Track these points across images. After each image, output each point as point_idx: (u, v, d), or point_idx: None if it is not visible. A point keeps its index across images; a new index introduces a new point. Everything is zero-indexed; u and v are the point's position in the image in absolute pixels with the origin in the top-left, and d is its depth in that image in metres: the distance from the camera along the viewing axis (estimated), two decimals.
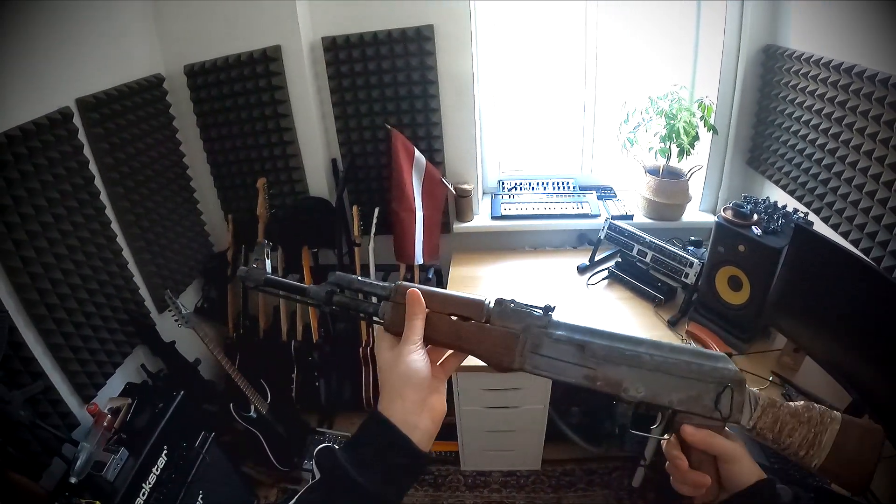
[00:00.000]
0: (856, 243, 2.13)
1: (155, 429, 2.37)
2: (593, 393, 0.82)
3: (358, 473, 0.73)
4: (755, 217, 2.33)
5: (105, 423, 2.29)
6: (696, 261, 2.62)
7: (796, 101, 2.49)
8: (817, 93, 2.31)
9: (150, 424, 2.39)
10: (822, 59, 2.26)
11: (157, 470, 2.33)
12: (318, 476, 0.75)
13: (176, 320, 2.70)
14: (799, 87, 2.44)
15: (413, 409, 0.80)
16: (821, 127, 2.32)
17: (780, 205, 2.39)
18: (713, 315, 2.55)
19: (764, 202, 2.42)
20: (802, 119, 2.45)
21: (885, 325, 1.77)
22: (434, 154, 3.15)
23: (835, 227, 2.26)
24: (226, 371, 2.86)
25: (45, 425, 2.09)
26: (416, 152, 3.00)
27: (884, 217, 1.98)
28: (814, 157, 2.39)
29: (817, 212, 2.38)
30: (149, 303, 2.89)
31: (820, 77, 2.28)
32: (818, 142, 2.35)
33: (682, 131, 2.82)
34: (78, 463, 2.08)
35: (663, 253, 2.76)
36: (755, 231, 2.28)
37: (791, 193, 2.57)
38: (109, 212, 2.63)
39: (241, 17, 2.85)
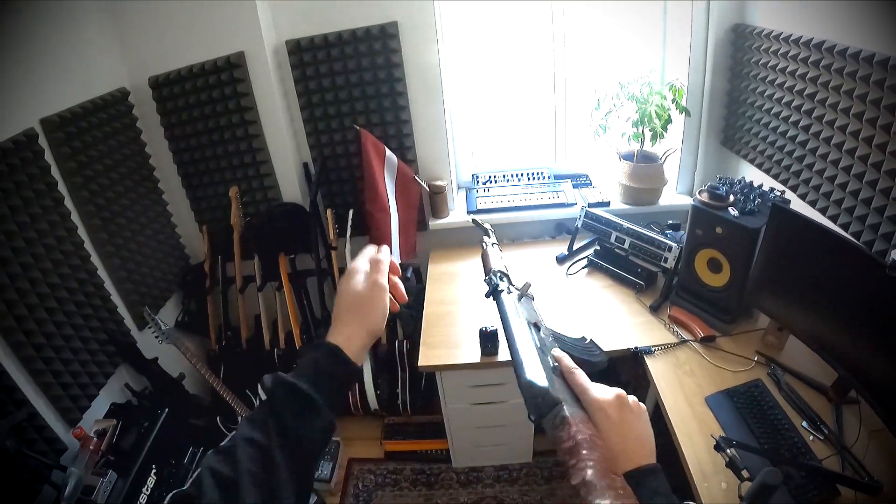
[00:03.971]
0: (834, 219, 2.14)
1: (142, 449, 2.36)
2: None
3: (296, 379, 0.84)
4: (731, 198, 2.32)
5: (92, 447, 2.27)
6: (674, 245, 2.62)
7: (768, 79, 2.48)
8: (788, 70, 2.31)
9: (137, 444, 2.38)
10: (791, 35, 2.26)
11: (147, 490, 2.32)
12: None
13: (156, 337, 2.67)
14: (770, 64, 2.44)
15: (349, 322, 0.95)
16: (794, 104, 2.31)
17: (756, 184, 2.38)
18: (695, 298, 2.54)
19: (740, 182, 2.41)
20: (775, 97, 2.44)
21: (866, 300, 1.77)
22: (406, 152, 3.13)
23: (812, 204, 2.26)
24: (211, 384, 2.83)
25: (32, 453, 2.07)
26: (388, 151, 2.98)
27: (860, 192, 1.98)
28: (788, 135, 2.38)
29: (794, 189, 2.38)
30: (128, 321, 2.85)
31: (791, 54, 2.27)
32: (792, 119, 2.34)
33: (653, 115, 2.81)
34: (67, 489, 2.07)
35: (641, 238, 2.75)
36: (732, 212, 2.26)
37: (767, 172, 2.57)
38: (82, 232, 2.59)
39: (203, 25, 2.80)
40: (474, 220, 1.72)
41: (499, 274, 1.23)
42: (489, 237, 1.49)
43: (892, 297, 1.65)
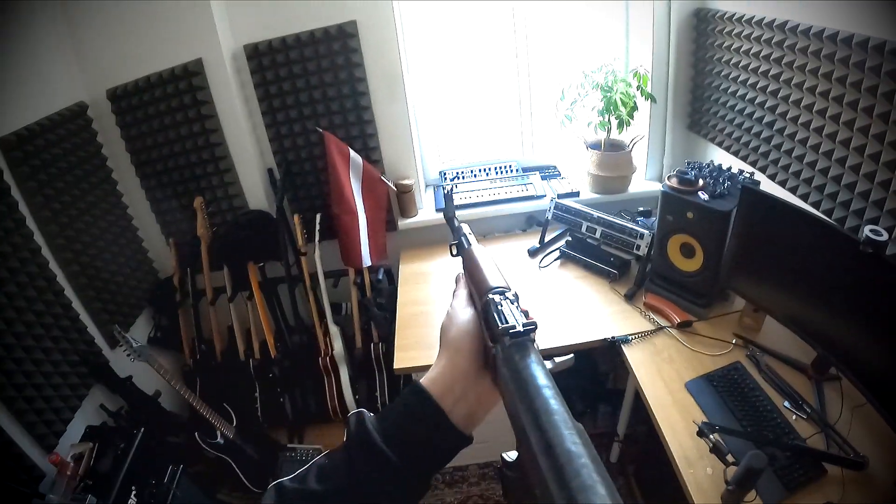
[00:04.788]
0: (805, 198, 2.15)
1: (120, 471, 2.31)
2: None
3: (383, 441, 0.66)
4: (701, 182, 2.32)
5: (69, 472, 2.22)
6: (646, 232, 2.62)
7: (732, 62, 2.50)
8: (752, 51, 2.33)
9: (115, 467, 2.33)
10: (753, 17, 2.28)
11: None
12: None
13: (128, 355, 2.61)
14: (733, 47, 2.46)
15: (460, 377, 0.71)
16: (759, 85, 2.33)
17: (725, 167, 2.38)
18: (669, 284, 2.53)
19: (708, 166, 2.41)
20: (740, 79, 2.46)
21: (840, 277, 1.78)
22: (371, 152, 3.10)
23: (782, 184, 2.28)
24: (188, 400, 2.78)
25: (10, 483, 2.02)
26: (352, 153, 2.94)
27: (830, 169, 2.00)
28: (755, 116, 2.40)
29: (763, 170, 2.39)
30: (99, 340, 2.79)
31: (753, 35, 2.30)
32: (758, 100, 2.36)
33: (619, 103, 2.81)
34: None
35: (612, 227, 2.75)
36: (702, 196, 2.26)
37: (735, 154, 2.59)
38: (46, 252, 2.52)
39: (159, 33, 2.74)
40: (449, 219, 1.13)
41: (512, 296, 0.72)
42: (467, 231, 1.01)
43: (866, 273, 1.65)
